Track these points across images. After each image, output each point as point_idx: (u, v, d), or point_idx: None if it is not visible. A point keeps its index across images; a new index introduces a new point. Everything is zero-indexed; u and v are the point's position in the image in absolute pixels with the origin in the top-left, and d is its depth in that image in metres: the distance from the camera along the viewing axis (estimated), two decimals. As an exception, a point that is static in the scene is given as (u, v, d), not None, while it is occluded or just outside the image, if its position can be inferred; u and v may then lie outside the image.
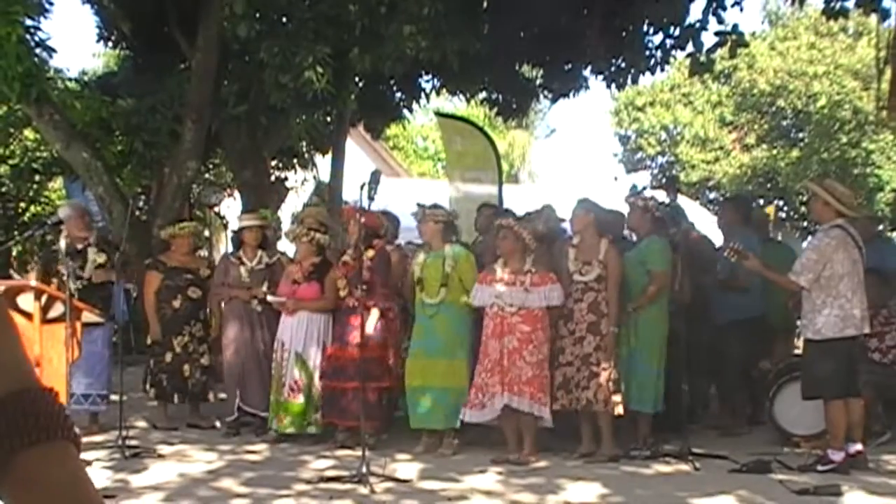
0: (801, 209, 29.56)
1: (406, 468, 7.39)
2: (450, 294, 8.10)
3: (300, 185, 17.44)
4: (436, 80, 13.31)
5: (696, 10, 12.92)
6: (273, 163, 14.87)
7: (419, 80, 13.38)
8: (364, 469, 6.73)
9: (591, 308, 7.79)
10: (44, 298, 6.91)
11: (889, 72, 11.14)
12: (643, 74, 12.62)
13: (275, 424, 8.65)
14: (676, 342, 7.94)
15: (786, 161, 28.93)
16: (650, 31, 12.18)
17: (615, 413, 7.68)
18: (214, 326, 9.54)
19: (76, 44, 50.46)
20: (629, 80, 12.73)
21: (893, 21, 11.33)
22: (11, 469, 0.87)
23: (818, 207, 7.43)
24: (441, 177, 27.57)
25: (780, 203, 29.87)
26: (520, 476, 7.11)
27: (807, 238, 26.55)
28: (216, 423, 9.29)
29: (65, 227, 8.70)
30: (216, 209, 17.76)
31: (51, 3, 10.93)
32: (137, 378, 9.83)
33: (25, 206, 17.91)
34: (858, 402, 7.25)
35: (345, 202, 11.70)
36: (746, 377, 9.17)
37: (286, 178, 15.89)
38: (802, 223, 29.50)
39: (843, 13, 11.52)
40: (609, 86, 12.88)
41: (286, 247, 10.48)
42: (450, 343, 8.10)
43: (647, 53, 12.25)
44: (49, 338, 6.64)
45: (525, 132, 35.74)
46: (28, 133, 16.16)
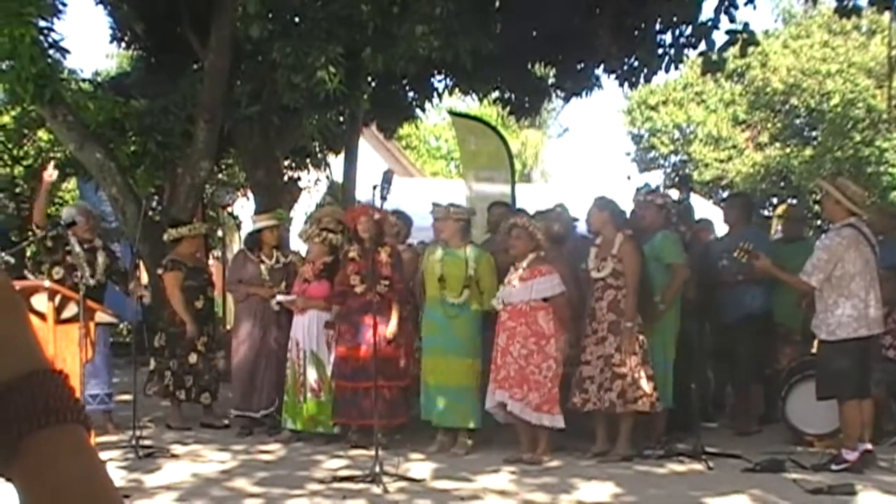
0: (815, 208, 29.46)
1: (419, 468, 7.40)
2: (470, 296, 8.12)
3: (313, 185, 17.45)
4: (448, 80, 13.29)
5: (709, 9, 12.87)
6: (286, 163, 14.88)
7: (432, 80, 13.36)
8: (377, 468, 6.74)
9: (611, 307, 7.73)
10: (57, 299, 6.94)
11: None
12: (656, 73, 12.57)
13: (289, 424, 8.67)
14: (688, 340, 7.93)
15: (799, 160, 28.82)
16: (662, 30, 12.15)
17: (649, 410, 7.64)
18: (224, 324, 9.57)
19: (89, 45, 50.68)
20: (642, 79, 12.68)
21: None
22: (22, 452, 0.86)
23: (830, 206, 7.40)
24: (454, 176, 27.57)
25: (794, 202, 29.78)
26: (533, 475, 7.10)
27: (820, 236, 26.44)
28: (228, 422, 9.32)
29: (73, 230, 8.73)
30: (229, 209, 17.77)
31: (64, 5, 10.96)
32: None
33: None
34: (869, 403, 7.23)
35: (357, 202, 11.70)
36: (760, 375, 9.15)
37: (299, 179, 15.89)
38: (815, 221, 29.40)
39: (857, 11, 11.47)
40: (622, 85, 12.84)
41: (298, 247, 10.50)
42: (467, 344, 8.12)
43: (660, 52, 12.21)
44: (63, 338, 6.67)
45: (538, 131, 35.73)
46: (42, 134, 16.20)
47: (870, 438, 7.20)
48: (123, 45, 13.98)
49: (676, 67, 12.57)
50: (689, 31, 11.84)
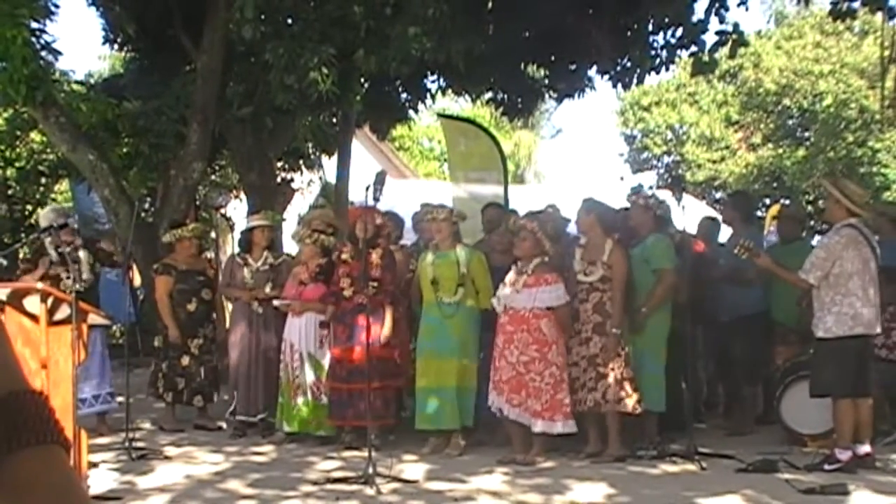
0: (808, 208, 29.50)
1: (412, 469, 7.40)
2: (465, 295, 8.12)
3: (306, 187, 17.44)
4: (441, 81, 13.30)
5: (702, 10, 12.84)
6: (279, 164, 14.86)
7: (425, 81, 13.36)
8: (370, 470, 6.74)
9: (597, 309, 7.77)
10: (50, 301, 6.91)
11: (895, 70, 11.11)
12: (649, 74, 12.61)
13: (284, 427, 8.66)
14: (679, 341, 7.94)
15: (792, 160, 28.87)
16: (655, 31, 12.17)
17: (632, 411, 7.66)
18: (220, 328, 9.56)
19: (82, 46, 50.53)
20: (635, 80, 12.71)
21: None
22: (0, 472, 0.86)
23: (830, 206, 7.42)
24: (447, 178, 27.57)
25: (786, 202, 29.81)
26: (526, 476, 7.10)
27: (814, 237, 26.50)
28: (222, 425, 9.31)
29: (52, 234, 8.67)
30: (222, 211, 17.74)
31: (57, 6, 10.92)
32: (144, 380, 9.84)
33: (32, 209, 17.90)
34: (867, 403, 7.23)
35: (351, 203, 11.69)
36: (755, 375, 9.15)
37: (292, 180, 15.89)
38: (809, 222, 29.41)
39: (851, 13, 11.45)
40: (615, 86, 12.86)
41: (291, 248, 10.48)
42: (462, 344, 8.11)
43: (653, 53, 12.23)
44: (55, 340, 6.64)
45: (531, 132, 35.76)
46: (34, 135, 16.16)
47: (869, 440, 7.21)
48: (116, 47, 13.95)
49: (667, 69, 12.59)
50: (681, 32, 11.86)
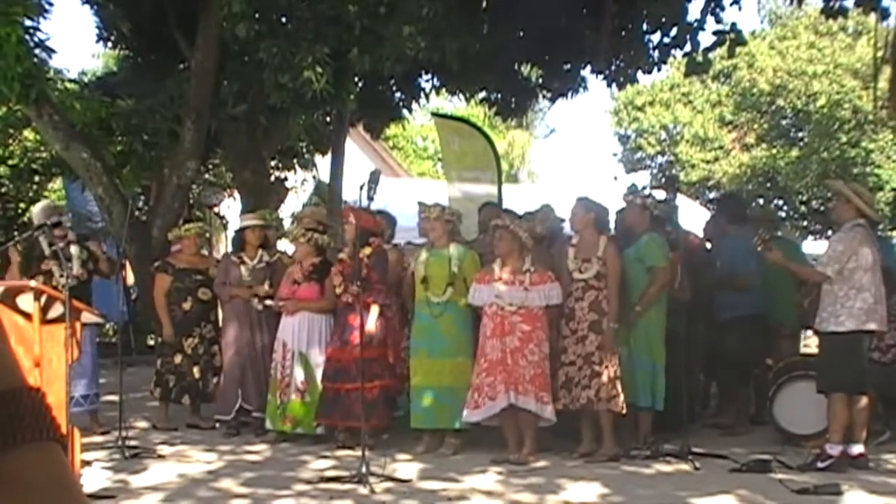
0: (801, 208, 29.56)
1: (406, 468, 7.39)
2: (455, 294, 8.11)
3: (300, 186, 17.43)
4: (435, 80, 13.30)
5: (696, 10, 12.87)
6: (273, 163, 14.84)
7: (419, 80, 13.36)
8: (364, 469, 6.74)
9: (593, 307, 7.78)
10: (43, 299, 6.90)
11: (889, 71, 11.14)
12: (642, 74, 12.63)
13: (268, 425, 8.66)
14: (675, 340, 7.94)
15: (785, 160, 28.92)
16: (650, 31, 12.18)
17: (618, 411, 7.68)
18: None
19: (76, 44, 50.52)
20: (628, 80, 12.73)
21: (893, 20, 11.32)
22: None
23: (840, 206, 7.46)
24: (440, 177, 27.55)
25: (780, 202, 29.86)
26: (520, 476, 7.10)
27: (807, 237, 26.57)
28: (216, 424, 9.30)
29: (45, 231, 8.64)
30: (216, 209, 17.75)
31: (50, 4, 10.89)
32: (137, 379, 9.84)
33: (25, 207, 17.87)
34: (864, 403, 7.24)
35: (344, 202, 11.69)
36: (749, 375, 9.17)
37: (286, 179, 15.87)
38: (802, 222, 29.49)
39: (843, 12, 11.51)
40: (609, 85, 12.87)
41: (286, 247, 10.48)
42: (454, 343, 8.10)
43: (647, 53, 12.25)
44: (49, 338, 6.62)
45: (525, 132, 35.71)
46: (28, 133, 16.14)
47: (862, 440, 7.23)
48: (110, 45, 13.92)
49: (659, 69, 12.60)
50: (675, 32, 11.88)
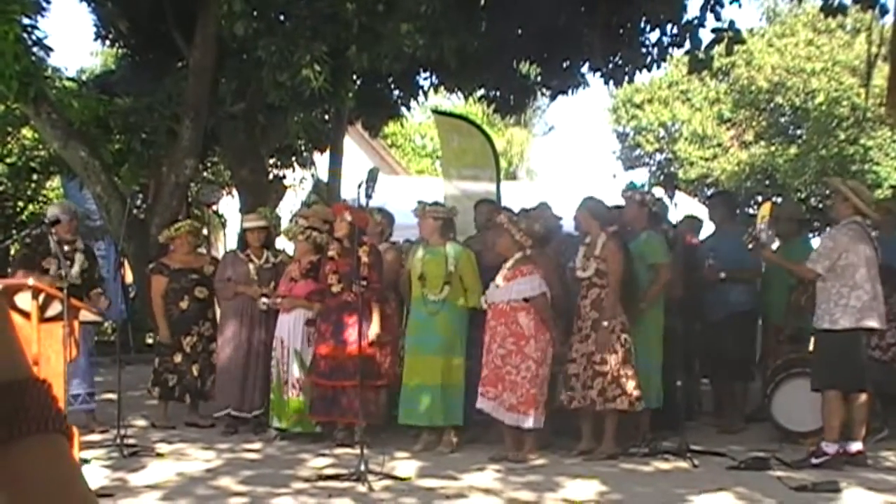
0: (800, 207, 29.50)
1: (404, 466, 7.39)
2: (452, 292, 8.11)
3: (298, 184, 17.41)
4: (434, 78, 13.30)
5: (694, 7, 12.88)
6: (271, 161, 14.83)
7: (417, 78, 13.36)
8: (362, 467, 6.73)
9: (595, 305, 7.75)
10: (41, 297, 6.90)
11: (887, 68, 11.15)
12: (641, 71, 12.63)
13: (276, 423, 8.66)
14: (672, 338, 7.94)
15: (784, 158, 28.90)
16: (648, 29, 12.18)
17: (629, 408, 7.65)
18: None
19: (74, 42, 50.46)
20: (627, 78, 12.72)
21: (891, 17, 11.33)
22: (1, 461, 0.85)
23: (837, 204, 7.47)
24: (439, 174, 27.54)
25: (778, 200, 29.84)
26: (518, 474, 7.11)
27: (805, 234, 26.50)
28: (213, 422, 9.29)
29: (55, 228, 8.65)
30: (214, 207, 17.71)
31: (48, 2, 10.88)
32: (135, 377, 9.83)
33: (23, 205, 17.89)
34: (862, 400, 7.24)
35: (342, 200, 11.68)
36: (745, 373, 9.17)
37: (284, 177, 15.85)
38: (807, 221, 29.42)
39: (842, 10, 11.52)
40: (607, 83, 12.87)
41: (284, 245, 10.47)
42: (449, 341, 8.10)
43: (645, 50, 12.25)
44: (47, 337, 6.62)
45: (523, 129, 35.69)
46: (26, 132, 16.12)
47: (861, 438, 7.23)
48: (108, 43, 13.91)
49: (658, 66, 12.59)
50: (675, 30, 11.88)
